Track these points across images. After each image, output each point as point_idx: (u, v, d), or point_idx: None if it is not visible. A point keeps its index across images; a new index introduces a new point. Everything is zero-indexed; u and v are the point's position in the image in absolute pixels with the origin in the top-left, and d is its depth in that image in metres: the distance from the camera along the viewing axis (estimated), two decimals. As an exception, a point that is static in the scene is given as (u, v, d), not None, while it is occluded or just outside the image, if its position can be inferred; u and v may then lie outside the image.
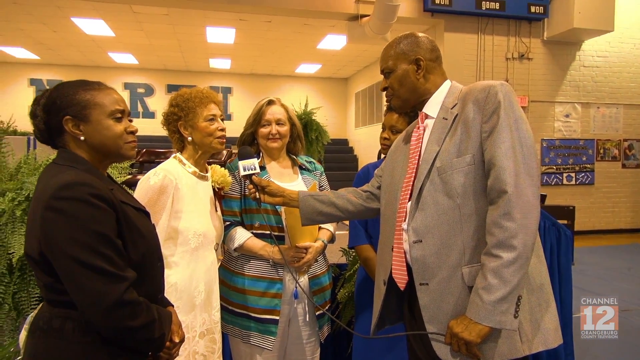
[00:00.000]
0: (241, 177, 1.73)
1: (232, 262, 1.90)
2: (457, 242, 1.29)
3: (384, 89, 1.51)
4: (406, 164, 1.45)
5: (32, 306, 1.71)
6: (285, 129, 1.94)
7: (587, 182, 7.93)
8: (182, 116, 1.72)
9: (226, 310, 1.86)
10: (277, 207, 1.85)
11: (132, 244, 1.15)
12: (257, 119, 1.94)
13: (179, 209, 1.63)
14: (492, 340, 1.24)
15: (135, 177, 4.02)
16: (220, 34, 8.87)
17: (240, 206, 1.90)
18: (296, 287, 1.87)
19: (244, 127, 1.99)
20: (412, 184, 1.39)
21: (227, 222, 1.88)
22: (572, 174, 7.85)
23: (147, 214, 1.31)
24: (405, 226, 1.38)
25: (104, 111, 1.19)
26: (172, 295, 1.56)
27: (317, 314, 1.92)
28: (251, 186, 1.67)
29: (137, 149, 1.32)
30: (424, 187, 1.34)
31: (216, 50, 10.20)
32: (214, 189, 1.81)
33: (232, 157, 2.18)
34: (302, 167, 2.03)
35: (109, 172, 1.32)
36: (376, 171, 1.72)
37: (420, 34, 1.47)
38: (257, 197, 1.67)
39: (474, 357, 1.24)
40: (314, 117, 5.40)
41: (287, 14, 7.22)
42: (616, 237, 7.76)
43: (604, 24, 7.01)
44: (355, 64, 11.71)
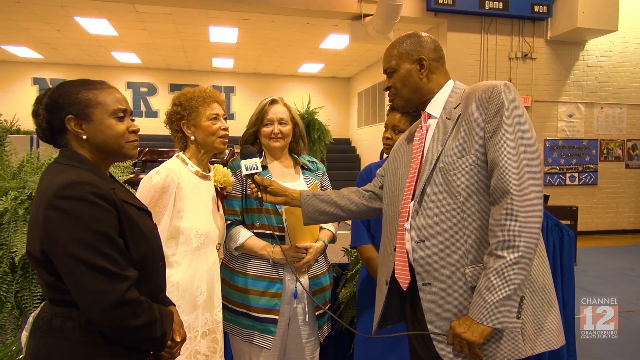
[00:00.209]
0: (243, 176, 1.73)
1: (233, 260, 1.90)
2: (459, 242, 1.29)
3: (386, 89, 1.50)
4: (409, 164, 1.45)
5: (35, 305, 1.71)
6: (287, 128, 1.94)
7: (590, 182, 7.90)
8: (185, 115, 1.72)
9: (227, 308, 1.85)
10: (277, 207, 1.85)
11: (134, 243, 1.15)
12: (259, 118, 1.94)
13: (181, 208, 1.63)
14: (495, 340, 1.23)
15: (137, 176, 4.02)
16: (223, 34, 8.88)
17: (241, 205, 1.90)
18: (296, 287, 1.87)
19: (247, 126, 1.99)
20: (414, 183, 1.39)
21: (228, 221, 1.88)
22: (575, 174, 7.82)
23: (149, 213, 1.31)
24: (407, 226, 1.37)
25: (106, 110, 1.19)
26: (174, 294, 1.56)
27: (317, 313, 1.92)
28: (253, 185, 1.67)
29: (139, 148, 1.32)
30: (427, 187, 1.33)
31: (219, 49, 10.21)
32: (216, 189, 1.81)
33: (235, 156, 2.18)
34: (304, 167, 2.03)
35: (111, 171, 1.32)
36: (379, 171, 1.72)
37: (423, 34, 1.47)
38: (260, 196, 1.66)
39: (476, 357, 1.24)
40: (316, 117, 5.39)
41: (290, 14, 7.22)
42: (619, 237, 7.72)
43: (608, 24, 6.98)
44: (358, 64, 11.69)
